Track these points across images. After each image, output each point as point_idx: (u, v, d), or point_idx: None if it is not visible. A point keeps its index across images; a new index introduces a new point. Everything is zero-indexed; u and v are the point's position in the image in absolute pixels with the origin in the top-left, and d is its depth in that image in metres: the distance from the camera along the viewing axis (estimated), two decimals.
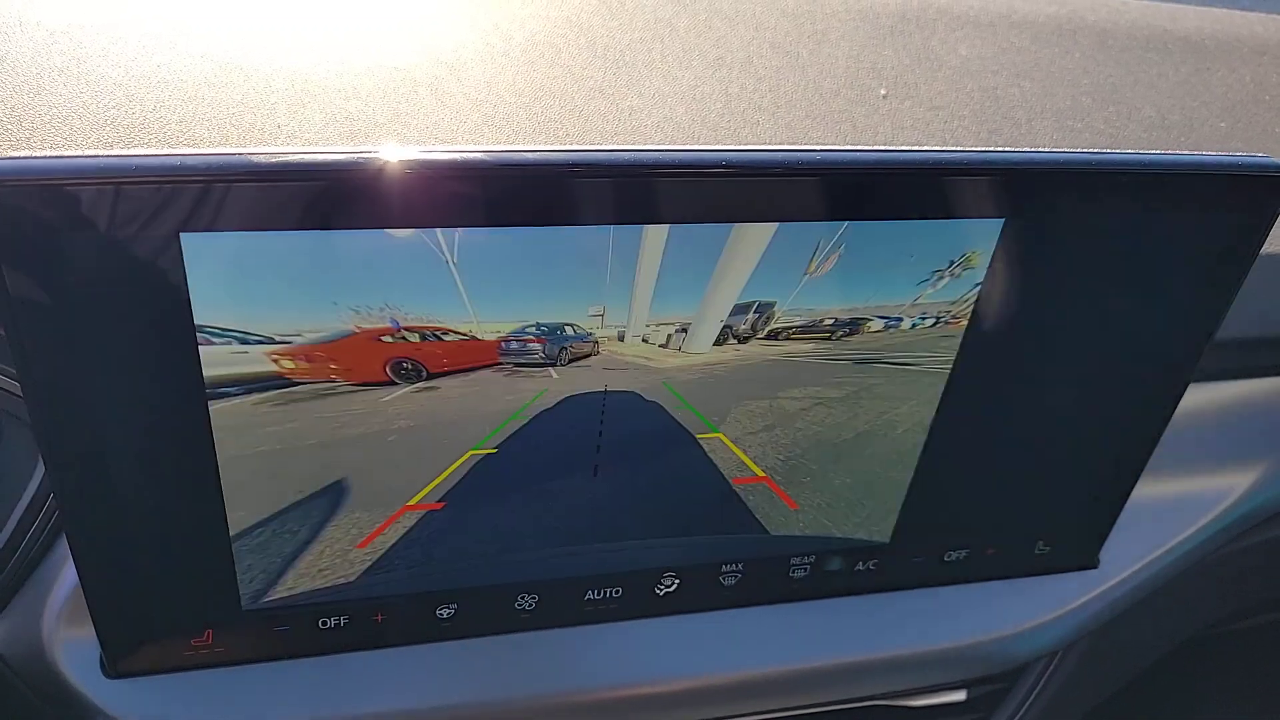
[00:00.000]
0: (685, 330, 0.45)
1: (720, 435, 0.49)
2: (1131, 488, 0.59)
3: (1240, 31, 0.86)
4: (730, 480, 0.51)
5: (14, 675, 0.52)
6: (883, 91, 0.63)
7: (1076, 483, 0.58)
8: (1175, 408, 0.55)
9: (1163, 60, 0.79)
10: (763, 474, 0.51)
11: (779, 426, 0.50)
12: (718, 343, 0.46)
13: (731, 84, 0.64)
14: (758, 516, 0.53)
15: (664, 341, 0.45)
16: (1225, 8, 0.92)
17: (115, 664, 0.50)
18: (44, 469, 0.50)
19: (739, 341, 0.46)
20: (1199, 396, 0.68)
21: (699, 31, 0.69)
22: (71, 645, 0.51)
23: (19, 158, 0.33)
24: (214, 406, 0.41)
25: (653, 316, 0.44)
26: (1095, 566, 0.63)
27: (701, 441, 0.49)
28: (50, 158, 0.33)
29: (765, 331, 0.46)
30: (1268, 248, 0.48)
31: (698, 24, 0.70)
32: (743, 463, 0.51)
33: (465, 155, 0.36)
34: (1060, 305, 0.48)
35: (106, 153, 0.34)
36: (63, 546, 0.52)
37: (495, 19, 0.67)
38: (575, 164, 0.37)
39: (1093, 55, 0.77)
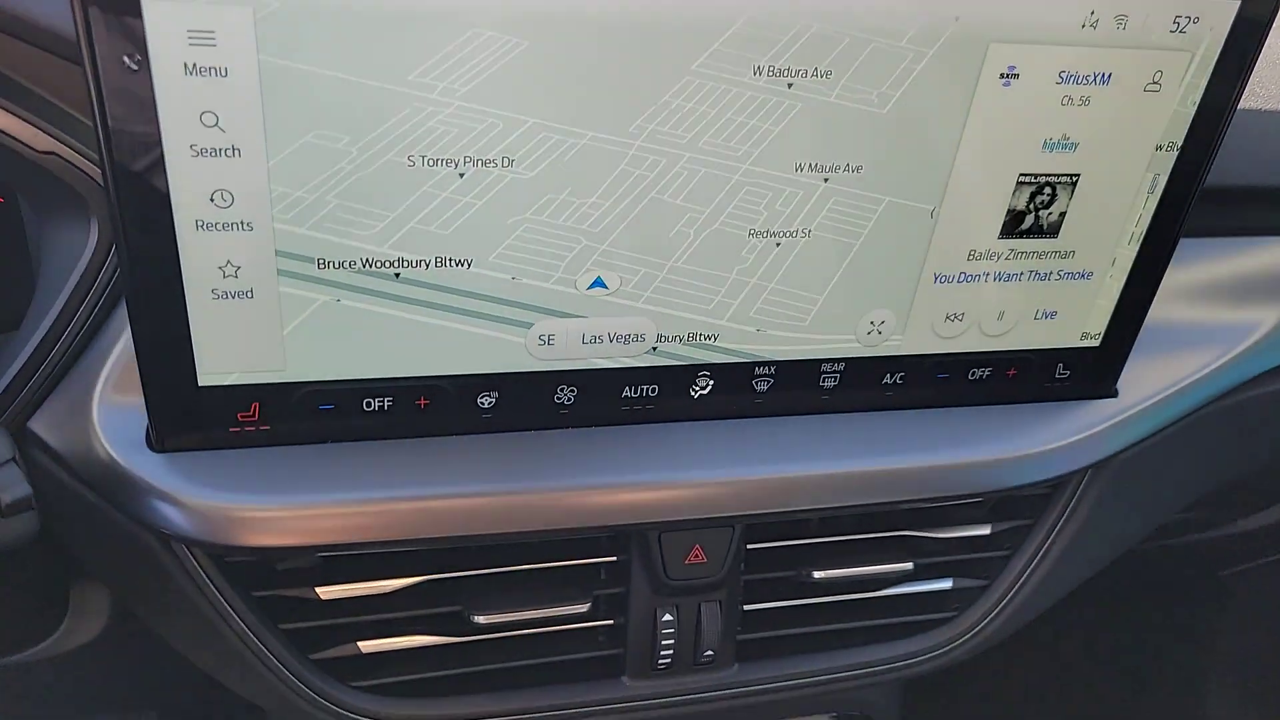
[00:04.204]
0: None
1: None
2: (1147, 307, 0.61)
3: None
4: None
5: (61, 463, 0.52)
6: None
7: (1097, 300, 0.60)
8: (1188, 209, 0.57)
9: None
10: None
11: None
12: None
13: None
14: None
15: None
16: None
17: (162, 438, 0.50)
18: (99, 232, 0.50)
19: None
20: (1226, 247, 0.71)
21: None
22: (118, 424, 0.51)
23: None
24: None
25: None
26: (1114, 395, 0.64)
27: None
28: None
29: None
30: None
31: None
32: None
33: None
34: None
35: None
36: (111, 328, 0.52)
37: None
38: None
39: None
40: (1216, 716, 1.47)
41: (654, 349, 0.54)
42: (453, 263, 0.49)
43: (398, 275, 0.48)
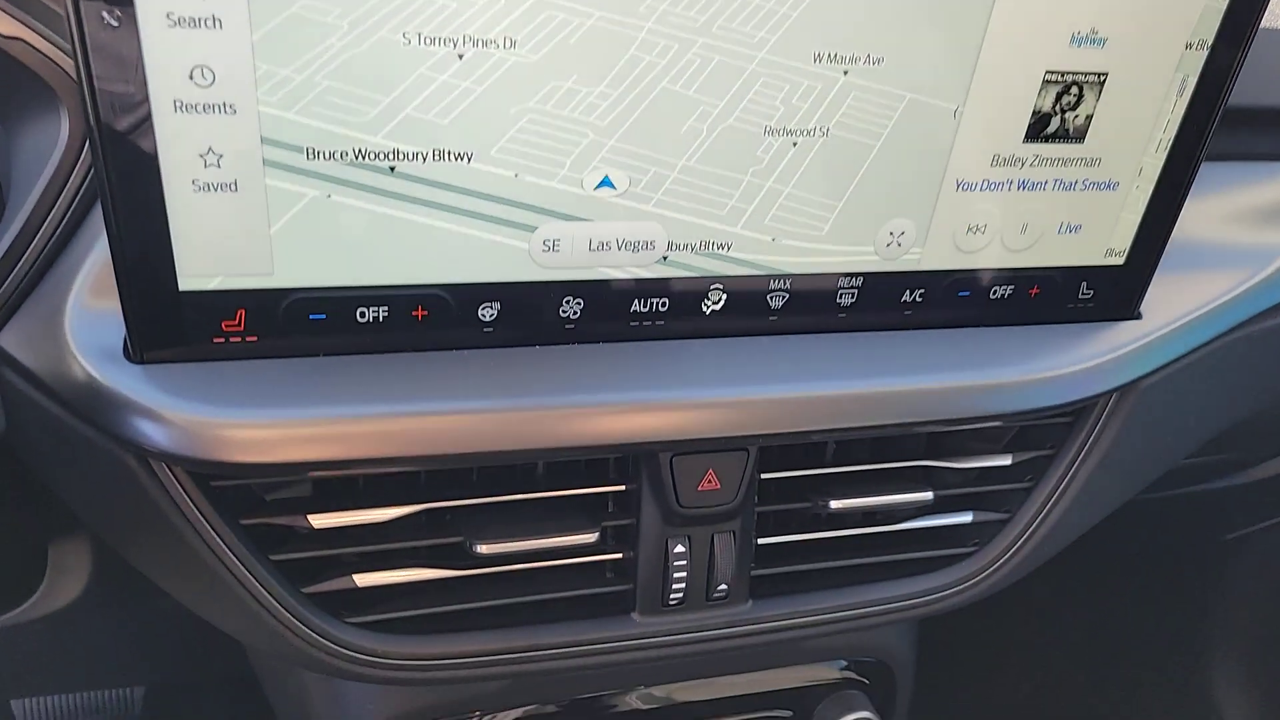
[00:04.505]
0: None
1: None
2: (1173, 222, 0.58)
3: None
4: None
5: (33, 382, 0.49)
6: None
7: (1122, 214, 0.57)
8: (1217, 116, 0.54)
9: None
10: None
11: None
12: None
13: None
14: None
15: None
16: None
17: (141, 349, 0.47)
18: (70, 127, 0.47)
19: None
20: (1249, 172, 0.69)
21: None
22: (94, 335, 0.47)
23: None
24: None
25: None
26: (1138, 318, 0.62)
27: None
28: None
29: None
30: None
31: None
32: None
33: None
34: None
35: None
36: (86, 234, 0.49)
37: None
38: None
39: None
40: (1220, 684, 1.46)
41: (664, 259, 0.52)
42: (451, 156, 0.45)
43: (392, 169, 0.45)
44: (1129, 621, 1.48)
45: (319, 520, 0.53)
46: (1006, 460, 0.64)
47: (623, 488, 0.57)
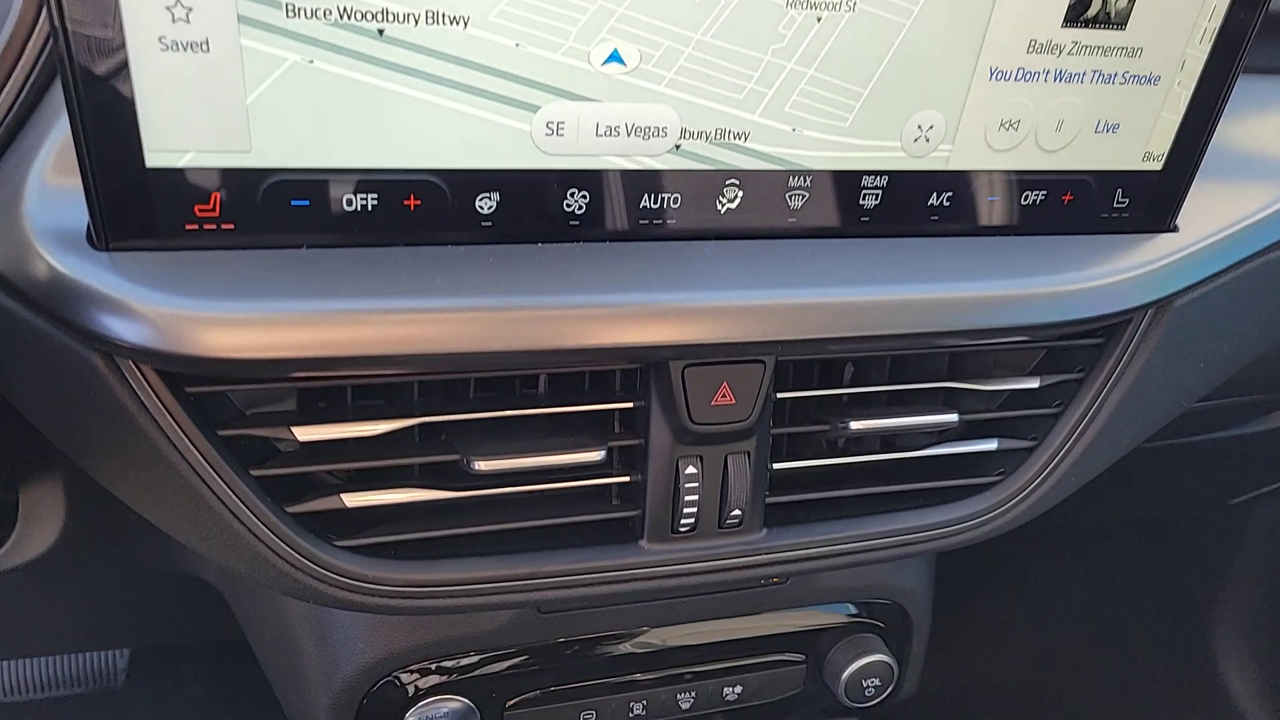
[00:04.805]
0: None
1: None
2: (1214, 125, 0.55)
3: None
4: None
5: None
6: None
7: (1162, 113, 0.54)
8: (1265, 6, 0.51)
9: None
10: None
11: None
12: None
13: None
14: None
15: None
16: None
17: (106, 234, 0.43)
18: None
19: None
20: None
21: None
22: (54, 221, 0.43)
23: None
24: None
25: None
26: (1174, 230, 0.58)
27: None
28: None
29: None
30: None
31: None
32: None
33: None
34: None
35: None
36: (44, 114, 0.45)
37: None
38: None
39: None
40: (1224, 654, 1.44)
41: (677, 148, 0.48)
42: (446, 19, 0.41)
43: (381, 32, 0.41)
44: (1132, 590, 1.46)
45: (304, 433, 0.49)
46: (1034, 383, 0.60)
47: (630, 405, 0.54)
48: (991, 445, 0.62)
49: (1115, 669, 1.45)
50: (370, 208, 0.45)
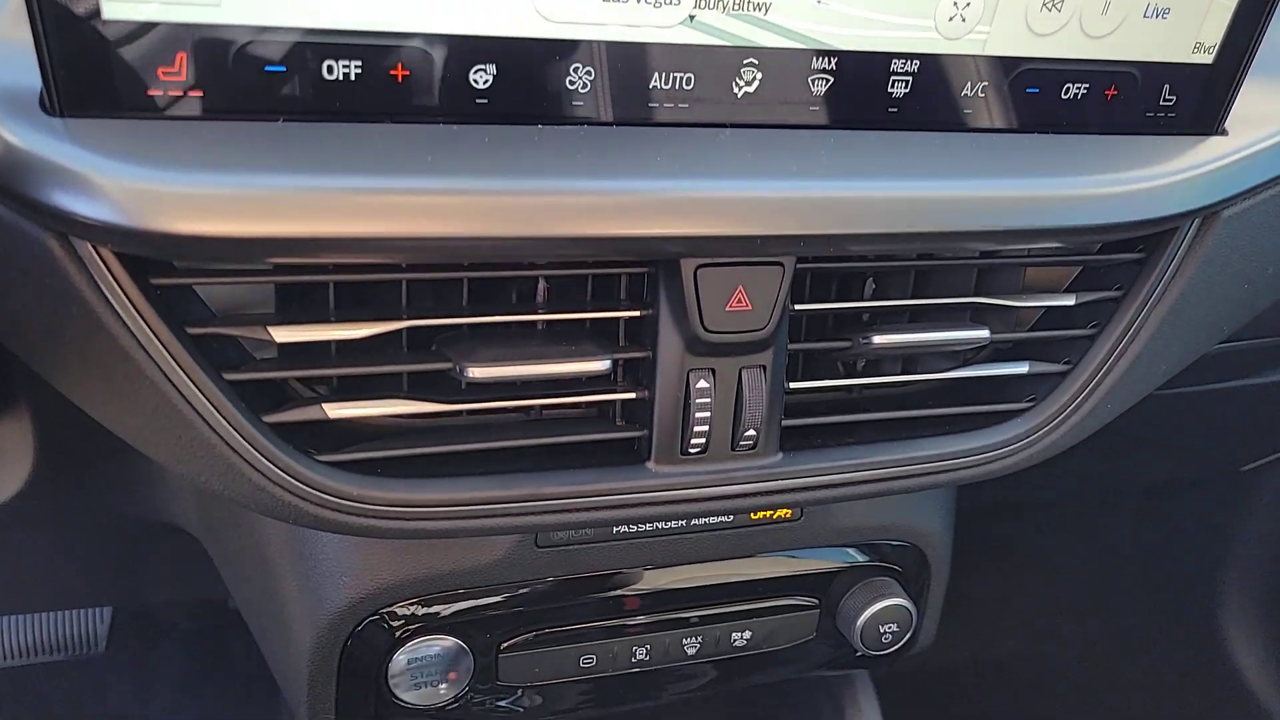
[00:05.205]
0: None
1: None
2: (1268, 19, 0.51)
3: None
4: None
5: None
6: None
7: (1214, 2, 0.50)
8: None
9: None
10: None
11: None
12: None
13: None
14: None
15: None
16: None
17: (60, 97, 0.38)
18: None
19: None
20: None
21: None
22: (2, 85, 0.39)
23: None
24: None
25: None
26: (1223, 134, 0.54)
27: None
28: None
29: None
30: None
31: None
32: None
33: None
34: None
35: None
36: None
37: None
38: None
39: None
40: (1232, 624, 1.42)
41: (690, 18, 0.43)
42: None
43: None
44: (1137, 563, 1.43)
45: (281, 334, 0.45)
46: (1069, 300, 0.57)
47: (637, 313, 0.50)
48: (1022, 368, 0.58)
49: (1118, 643, 1.43)
50: (353, 77, 0.41)
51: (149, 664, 1.26)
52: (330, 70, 0.41)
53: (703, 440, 0.52)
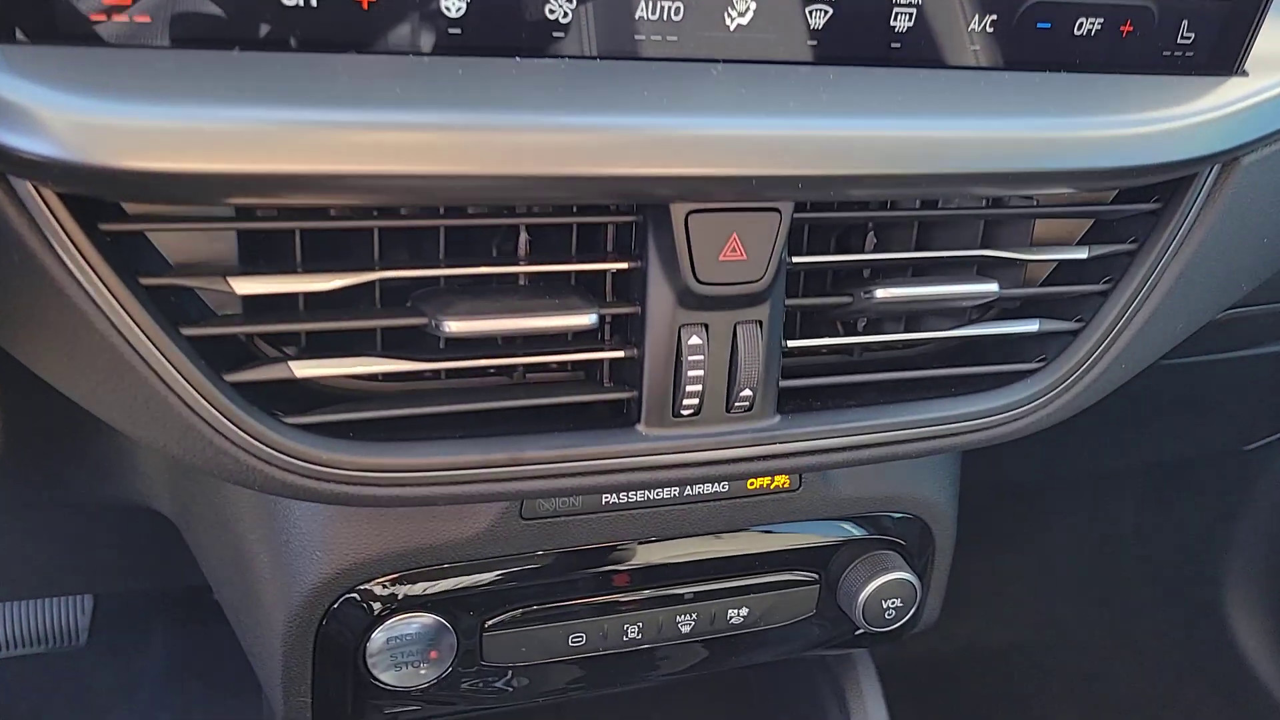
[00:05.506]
0: None
1: None
2: None
3: None
4: None
5: None
6: None
7: None
8: None
9: None
10: None
11: None
12: None
13: None
14: None
15: None
16: None
17: None
18: None
19: None
20: None
21: None
22: None
23: None
24: None
25: None
26: (1243, 74, 0.52)
27: None
28: None
29: None
30: None
31: None
32: None
33: None
34: None
35: None
36: None
37: None
38: None
39: None
40: (1235, 606, 1.40)
41: None
42: None
43: None
44: (1140, 545, 1.41)
45: (243, 285, 0.42)
46: (1082, 253, 0.54)
47: (625, 265, 0.47)
48: (1032, 326, 0.55)
49: (1120, 627, 1.41)
50: (315, 3, 0.38)
51: (130, 658, 1.24)
52: None
53: (696, 401, 0.49)
